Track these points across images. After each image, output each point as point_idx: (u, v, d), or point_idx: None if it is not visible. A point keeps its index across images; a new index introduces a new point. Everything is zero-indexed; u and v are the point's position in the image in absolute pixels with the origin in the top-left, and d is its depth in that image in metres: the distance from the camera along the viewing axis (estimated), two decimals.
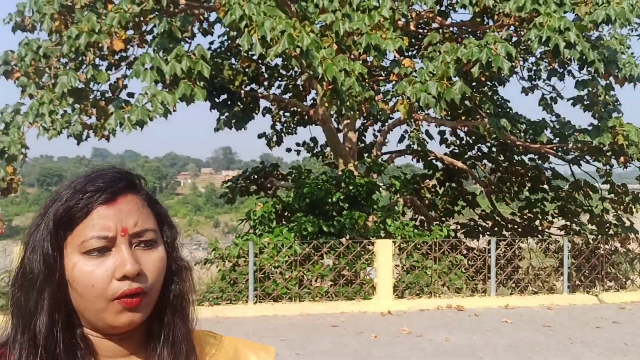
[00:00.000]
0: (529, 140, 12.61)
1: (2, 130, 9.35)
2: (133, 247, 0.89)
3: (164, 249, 0.93)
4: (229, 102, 12.89)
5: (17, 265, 0.92)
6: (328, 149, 15.41)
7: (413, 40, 12.15)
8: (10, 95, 11.36)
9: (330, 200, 9.83)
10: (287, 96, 14.42)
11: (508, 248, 9.95)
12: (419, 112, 11.73)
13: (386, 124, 13.98)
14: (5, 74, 9.42)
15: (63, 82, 7.99)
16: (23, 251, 0.91)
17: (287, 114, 15.32)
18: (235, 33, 8.65)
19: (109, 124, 7.63)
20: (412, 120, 12.75)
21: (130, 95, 9.61)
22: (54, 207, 0.89)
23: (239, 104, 13.08)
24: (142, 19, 8.64)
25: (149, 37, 9.74)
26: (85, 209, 0.88)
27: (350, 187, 9.99)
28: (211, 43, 16.51)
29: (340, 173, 10.82)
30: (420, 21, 11.60)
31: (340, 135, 13.21)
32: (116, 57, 10.36)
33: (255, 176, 15.10)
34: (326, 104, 8.66)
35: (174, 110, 8.90)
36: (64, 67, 9.08)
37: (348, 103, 7.91)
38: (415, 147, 13.94)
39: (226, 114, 13.11)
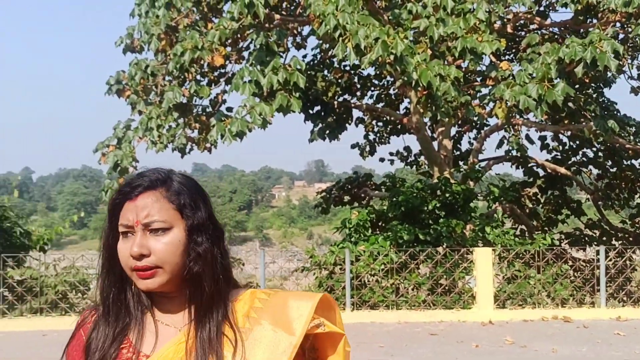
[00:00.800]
0: (639, 144, 11.83)
1: (115, 145, 10.05)
2: (147, 233, 1.15)
3: (179, 234, 1.16)
4: (323, 113, 13.11)
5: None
6: (422, 157, 15.24)
7: (510, 43, 11.81)
8: (122, 112, 12.18)
9: (425, 208, 9.70)
10: (380, 105, 14.43)
11: (618, 258, 9.36)
12: (517, 117, 11.35)
13: (483, 130, 13.63)
14: (117, 93, 10.14)
15: (169, 97, 8.46)
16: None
17: (380, 124, 15.31)
18: (328, 45, 8.85)
19: (211, 136, 7.98)
20: (511, 125, 12.36)
21: (229, 109, 10.03)
22: (110, 202, 1.21)
23: (332, 114, 13.26)
24: (240, 35, 9.01)
25: (245, 53, 10.14)
26: (120, 204, 1.17)
27: (447, 195, 9.81)
28: (304, 56, 16.88)
29: (435, 181, 10.66)
30: (518, 23, 11.25)
31: (435, 144, 13.03)
32: (216, 73, 10.86)
33: (349, 186, 15.19)
34: (421, 111, 8.59)
35: (270, 123, 9.22)
36: (169, 84, 9.63)
37: (443, 109, 7.80)
38: (514, 153, 13.47)
39: (320, 124, 13.34)
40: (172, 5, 8.67)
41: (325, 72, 12.75)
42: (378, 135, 15.50)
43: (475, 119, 9.45)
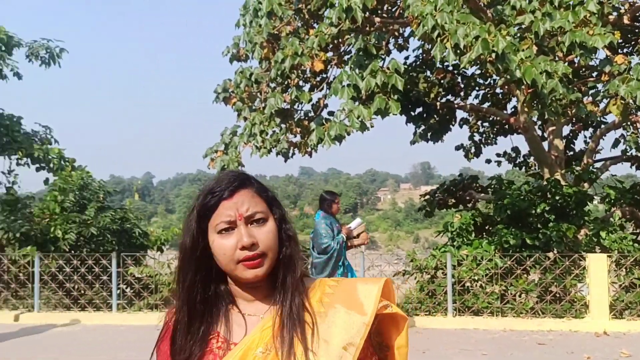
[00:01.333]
0: None
1: (223, 150, 10.53)
2: (249, 225, 1.27)
3: (273, 223, 1.31)
4: (425, 115, 12.91)
5: (179, 245, 1.34)
6: (532, 158, 14.57)
7: (629, 35, 11.01)
8: (229, 119, 12.73)
9: (534, 211, 9.27)
10: (485, 105, 13.98)
11: None
12: (637, 114, 10.55)
13: (599, 129, 12.79)
14: (224, 100, 10.62)
15: (271, 103, 8.73)
16: (181, 236, 1.34)
17: (486, 124, 14.82)
18: (429, 45, 8.69)
19: (310, 140, 8.13)
20: (629, 123, 11.51)
21: (331, 113, 10.15)
22: (197, 205, 1.31)
23: (435, 116, 13.03)
24: (339, 39, 9.10)
25: (346, 57, 10.22)
26: (215, 204, 1.29)
27: (557, 198, 9.31)
28: (406, 58, 16.67)
29: (545, 183, 10.15)
30: (638, 13, 10.46)
31: (545, 144, 12.41)
32: (317, 78, 11.05)
33: (454, 189, 14.81)
34: (527, 110, 8.22)
35: (372, 126, 9.22)
36: (272, 90, 9.94)
37: (551, 107, 7.42)
38: (633, 152, 12.53)
39: (422, 126, 13.15)
40: (273, 14, 8.93)
41: (427, 73, 12.54)
42: (484, 136, 15.02)
43: (587, 117, 8.87)
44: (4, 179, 12.12)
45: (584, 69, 10.59)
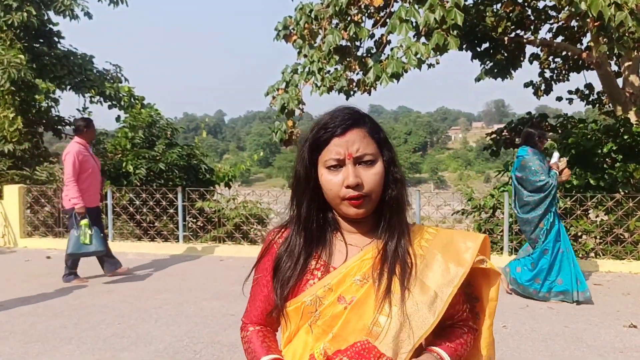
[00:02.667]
0: None
1: (284, 89, 10.63)
2: (357, 165, 1.32)
3: (381, 165, 1.35)
4: (492, 51, 12.45)
5: (293, 172, 1.43)
6: (605, 96, 13.86)
7: None
8: (291, 57, 12.74)
9: (600, 151, 8.93)
10: (559, 40, 13.28)
11: None
12: None
13: None
14: (285, 38, 10.62)
15: (329, 41, 8.68)
16: (295, 163, 1.42)
17: (558, 60, 14.13)
18: None
19: (368, 78, 8.09)
20: None
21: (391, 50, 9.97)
22: (310, 138, 1.37)
23: (503, 51, 12.54)
24: None
25: None
26: (327, 140, 1.34)
27: (625, 137, 8.91)
28: None
29: (614, 122, 9.70)
30: None
31: (620, 80, 11.76)
32: (382, 13, 10.81)
33: (522, 127, 14.36)
34: (593, 44, 7.80)
35: (438, 62, 9.03)
36: (334, 27, 9.83)
37: (621, 41, 7.02)
38: None
39: (488, 63, 12.71)
40: None
41: (495, 6, 11.99)
42: (555, 72, 14.35)
43: None
44: (80, 116, 12.76)
45: None
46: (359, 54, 10.23)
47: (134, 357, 4.71)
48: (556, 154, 6.54)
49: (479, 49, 12.46)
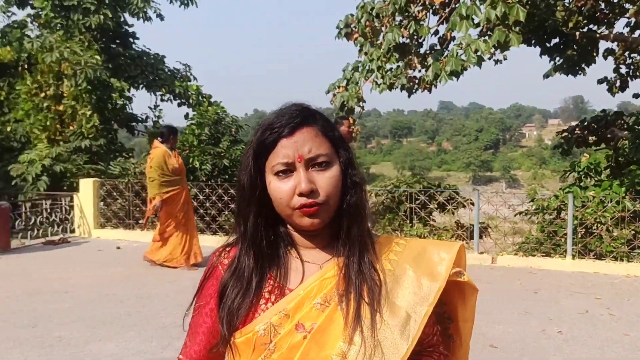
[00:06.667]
0: None
1: (344, 86, 10.70)
2: (309, 169, 1.13)
3: (338, 168, 1.15)
4: (562, 46, 12.02)
5: (237, 183, 1.25)
6: None
7: None
8: (352, 55, 12.79)
9: None
10: (636, 35, 12.64)
11: None
12: None
13: None
14: (346, 36, 10.68)
15: (388, 38, 8.68)
16: (238, 172, 1.24)
17: (635, 55, 13.43)
18: None
19: (427, 76, 8.04)
20: None
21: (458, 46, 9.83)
22: (254, 142, 1.17)
23: (574, 47, 12.08)
24: None
25: None
26: (273, 142, 1.14)
27: None
28: None
29: None
30: None
31: None
32: (446, 10, 10.67)
33: (595, 126, 13.80)
34: None
35: (505, 58, 8.82)
36: (395, 24, 9.80)
37: None
38: None
39: (558, 58, 12.28)
40: None
41: (566, 0, 11.57)
42: (632, 68, 13.66)
43: None
44: (151, 114, 13.35)
45: None
46: (421, 51, 10.17)
47: None
48: None
49: (548, 45, 12.06)
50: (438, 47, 10.57)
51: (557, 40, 12.00)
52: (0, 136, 13.70)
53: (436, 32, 10.88)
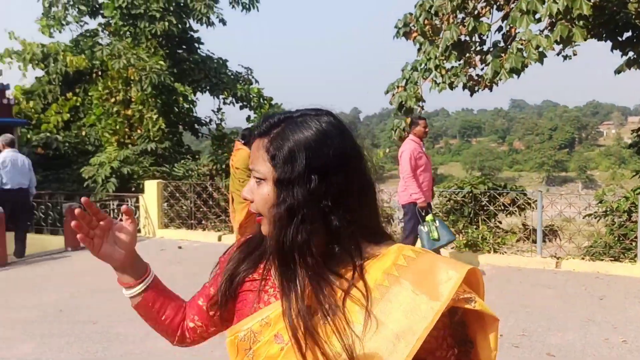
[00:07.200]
0: None
1: (403, 86, 10.57)
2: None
3: (267, 187, 1.08)
4: (635, 40, 11.37)
5: None
6: None
7: None
8: (411, 54, 12.62)
9: None
10: None
11: None
12: None
13: None
14: (405, 35, 10.54)
15: (446, 37, 8.50)
16: None
17: None
18: None
19: (486, 74, 7.82)
20: None
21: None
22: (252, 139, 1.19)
23: None
24: None
25: None
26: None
27: None
28: None
29: None
30: None
31: None
32: (512, 5, 10.34)
33: None
34: None
35: (575, 54, 8.47)
36: (458, 21, 9.59)
37: None
38: None
39: (630, 53, 11.62)
40: None
41: None
42: None
43: None
44: (214, 117, 13.68)
45: None
46: (484, 48, 9.90)
47: None
48: None
49: (620, 39, 11.45)
50: (502, 44, 10.27)
51: (629, 34, 11.37)
52: (76, 140, 14.42)
53: (500, 29, 10.57)
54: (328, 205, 1.05)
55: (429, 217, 6.98)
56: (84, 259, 8.74)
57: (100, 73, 14.17)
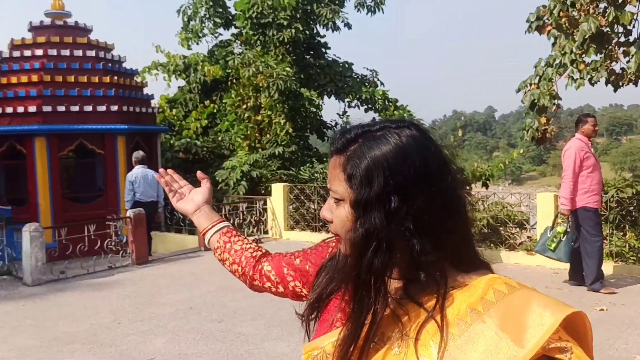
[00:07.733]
0: None
1: (536, 83, 9.92)
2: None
3: (345, 208, 1.02)
4: None
5: None
6: None
7: None
8: (545, 49, 11.85)
9: None
10: None
11: None
12: None
13: None
14: (537, 29, 9.89)
15: (583, 29, 7.84)
16: None
17: None
18: None
19: (629, 67, 7.10)
20: None
21: None
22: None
23: None
24: None
25: None
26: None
27: None
28: None
29: None
30: None
31: None
32: None
33: None
34: None
35: None
36: (594, 13, 8.84)
37: None
38: None
39: None
40: None
41: None
42: None
43: None
44: (340, 120, 13.80)
45: None
46: (630, 39, 9.01)
47: None
48: None
49: None
50: None
51: None
52: (213, 145, 15.31)
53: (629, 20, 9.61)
54: (410, 228, 0.97)
55: (560, 229, 6.46)
56: (214, 259, 9.19)
57: (234, 81, 14.94)
